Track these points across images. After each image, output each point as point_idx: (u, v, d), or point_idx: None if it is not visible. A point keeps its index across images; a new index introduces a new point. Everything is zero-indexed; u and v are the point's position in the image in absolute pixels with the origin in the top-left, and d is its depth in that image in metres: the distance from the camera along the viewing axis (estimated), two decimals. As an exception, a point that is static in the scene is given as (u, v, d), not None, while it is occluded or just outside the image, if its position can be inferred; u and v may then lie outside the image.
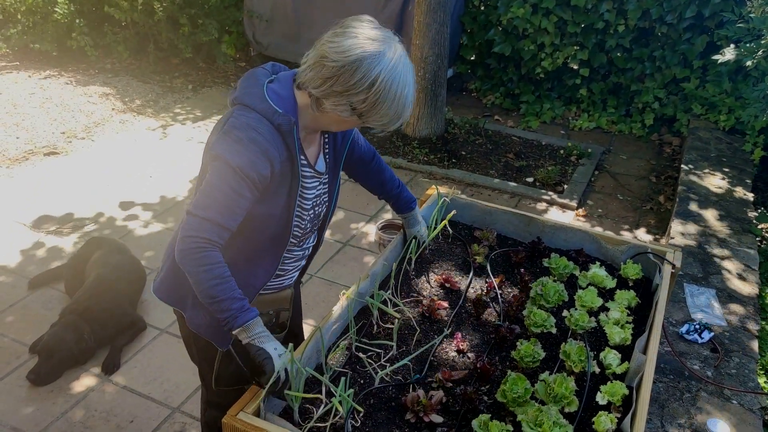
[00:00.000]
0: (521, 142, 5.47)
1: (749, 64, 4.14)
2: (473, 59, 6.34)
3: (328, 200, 1.78)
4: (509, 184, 4.74)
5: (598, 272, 2.10)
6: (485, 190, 4.73)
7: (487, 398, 1.62)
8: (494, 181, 4.78)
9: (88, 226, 4.04)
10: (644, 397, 1.53)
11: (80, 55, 6.60)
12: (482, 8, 6.09)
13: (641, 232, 4.31)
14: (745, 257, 3.63)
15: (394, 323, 1.82)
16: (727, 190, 4.40)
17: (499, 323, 1.89)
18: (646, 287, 2.12)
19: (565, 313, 1.90)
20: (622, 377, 1.71)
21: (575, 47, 5.80)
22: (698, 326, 2.98)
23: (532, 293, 1.98)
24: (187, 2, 6.36)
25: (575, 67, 5.99)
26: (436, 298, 1.98)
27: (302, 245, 1.80)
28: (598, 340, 1.87)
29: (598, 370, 1.71)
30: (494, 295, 2.02)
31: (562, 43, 5.79)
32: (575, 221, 4.38)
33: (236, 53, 6.92)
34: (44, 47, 6.34)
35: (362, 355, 1.74)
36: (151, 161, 4.90)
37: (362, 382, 1.66)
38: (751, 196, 4.35)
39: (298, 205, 1.65)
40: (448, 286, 2.06)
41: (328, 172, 1.74)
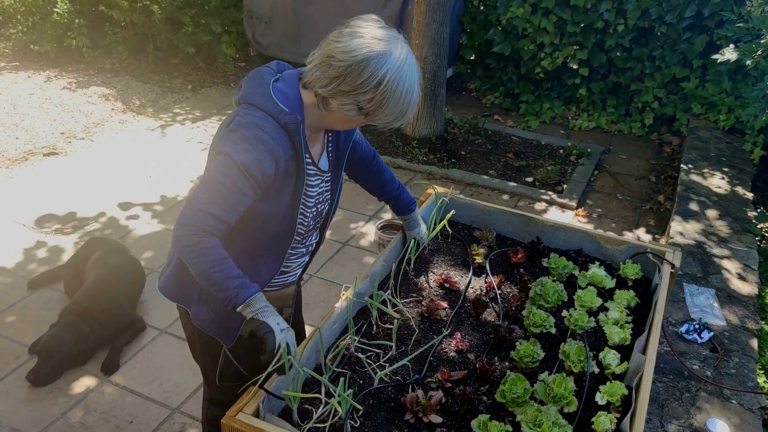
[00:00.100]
0: (521, 141, 5.47)
1: (749, 63, 4.14)
2: (473, 59, 6.34)
3: (330, 198, 1.79)
4: (509, 183, 4.74)
5: (597, 272, 2.10)
6: (485, 189, 4.73)
7: (486, 398, 1.62)
8: (494, 180, 4.78)
9: (87, 226, 4.03)
10: (643, 397, 1.53)
11: (80, 55, 6.60)
12: (482, 8, 6.09)
13: (641, 231, 4.31)
14: (744, 257, 3.63)
15: (393, 323, 1.82)
16: (726, 189, 4.40)
17: (498, 323, 1.89)
18: (645, 287, 2.12)
19: (564, 313, 1.90)
20: (621, 377, 1.71)
21: (575, 47, 5.80)
22: (698, 326, 2.98)
23: (531, 293, 1.98)
24: (187, 2, 6.36)
25: (575, 66, 6.00)
26: (435, 298, 1.98)
27: (305, 242, 1.81)
28: (597, 340, 1.87)
29: (597, 370, 1.71)
30: (493, 295, 2.02)
31: (561, 42, 5.79)
32: (575, 221, 4.38)
33: (236, 53, 6.91)
34: (43, 48, 6.34)
35: (361, 355, 1.74)
36: (150, 161, 4.90)
37: (361, 382, 1.66)
38: (750, 195, 4.35)
39: (302, 203, 1.66)
40: (447, 286, 2.06)
41: (330, 170, 1.75)
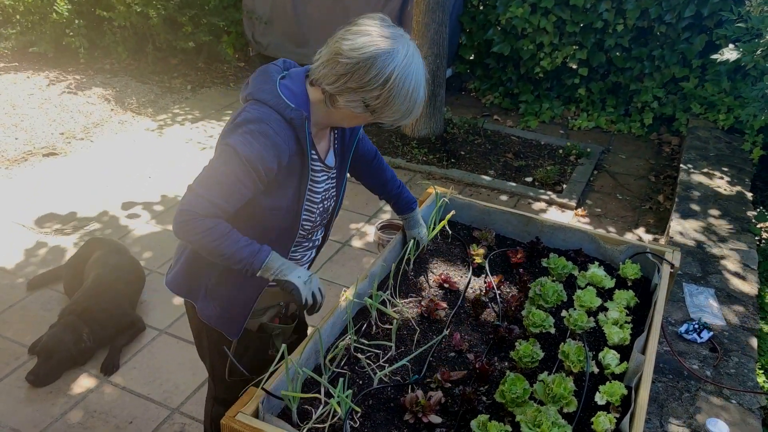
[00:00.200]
0: (520, 141, 5.47)
1: (748, 63, 4.15)
2: (472, 59, 6.34)
3: (335, 195, 1.81)
4: (508, 183, 4.74)
5: (596, 272, 2.10)
6: (484, 189, 4.73)
7: (485, 399, 1.62)
8: (493, 180, 4.78)
9: (87, 226, 4.03)
10: (643, 397, 1.53)
11: (79, 55, 6.60)
12: (481, 8, 6.09)
13: (640, 231, 4.31)
14: (744, 256, 3.63)
15: (392, 324, 1.82)
16: (726, 189, 4.40)
17: (497, 323, 1.89)
18: (645, 287, 2.12)
19: (563, 313, 1.90)
20: (620, 377, 1.71)
21: (574, 47, 5.80)
22: (697, 326, 2.98)
23: (530, 293, 1.98)
24: (186, 3, 6.35)
25: (574, 66, 6.00)
26: (434, 298, 1.97)
27: (311, 238, 1.84)
28: (596, 340, 1.87)
29: (596, 370, 1.71)
30: (493, 295, 2.02)
31: (561, 42, 5.79)
32: (574, 221, 4.38)
33: (235, 53, 6.91)
34: (42, 48, 6.33)
35: (361, 355, 1.74)
36: (150, 162, 4.90)
37: (361, 382, 1.66)
38: (750, 195, 4.35)
39: (308, 199, 1.68)
40: (446, 286, 2.06)
41: (336, 166, 1.77)
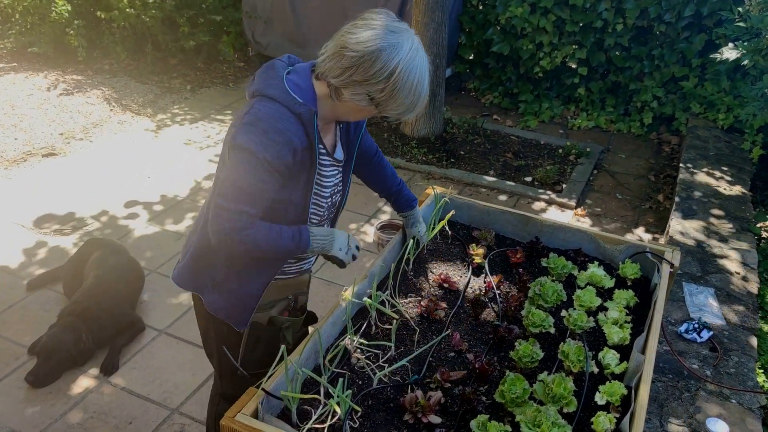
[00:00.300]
0: (520, 141, 5.46)
1: (747, 62, 4.14)
2: (471, 59, 6.34)
3: (342, 189, 1.84)
4: (508, 183, 4.74)
5: (596, 272, 2.10)
6: (484, 189, 4.73)
7: (485, 399, 1.61)
8: (493, 180, 4.78)
9: (86, 226, 4.03)
10: (643, 396, 1.53)
11: (78, 55, 6.59)
12: (480, 7, 6.08)
13: (640, 231, 4.31)
14: (743, 256, 3.63)
15: (392, 324, 1.82)
16: (725, 188, 4.40)
17: (497, 323, 1.89)
18: (644, 287, 2.12)
19: (563, 312, 1.89)
20: (620, 377, 1.71)
21: (574, 46, 5.80)
22: (697, 325, 2.98)
23: (530, 293, 1.97)
24: (185, 3, 6.35)
25: (574, 66, 5.99)
26: (434, 298, 1.97)
27: None
28: (596, 339, 1.87)
29: (596, 370, 1.71)
30: (493, 295, 2.02)
31: (560, 42, 5.79)
32: (574, 221, 4.38)
33: (234, 53, 6.91)
34: (42, 48, 6.33)
35: (360, 355, 1.73)
36: (149, 162, 4.89)
37: (360, 382, 1.66)
38: (749, 194, 4.35)
39: (317, 193, 1.71)
40: (446, 286, 2.06)
41: (344, 160, 1.80)
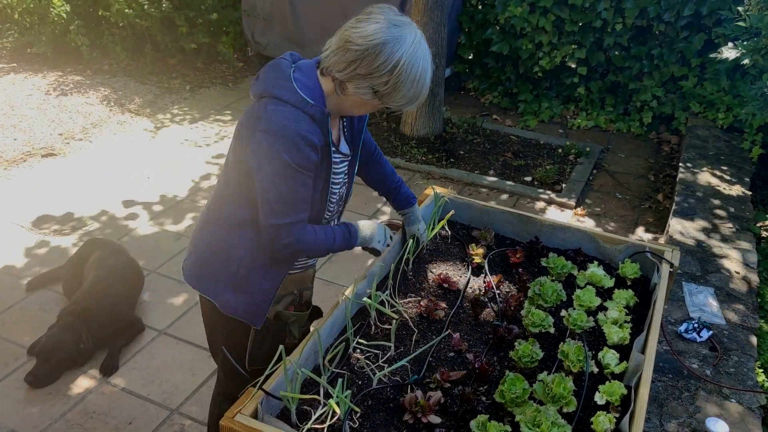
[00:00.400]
0: (519, 141, 5.46)
1: (747, 62, 4.14)
2: (471, 58, 6.34)
3: (347, 181, 1.86)
4: (507, 183, 4.74)
5: (596, 272, 2.09)
6: (483, 189, 4.73)
7: (485, 399, 1.61)
8: (492, 180, 4.78)
9: (86, 227, 4.03)
10: (643, 396, 1.53)
11: (77, 56, 6.60)
12: (480, 7, 6.08)
13: (640, 230, 4.31)
14: (743, 255, 3.63)
15: (392, 324, 1.82)
16: (725, 188, 4.40)
17: (497, 323, 1.89)
18: (644, 286, 2.11)
19: (563, 312, 1.89)
20: (620, 377, 1.70)
21: (573, 46, 5.79)
22: (697, 325, 2.98)
23: (530, 293, 1.97)
24: (184, 3, 6.34)
25: (573, 65, 5.99)
26: (434, 298, 1.97)
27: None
28: (596, 339, 1.87)
29: (596, 369, 1.71)
30: (492, 295, 2.02)
31: (559, 41, 5.79)
32: (573, 220, 4.38)
33: (234, 53, 6.90)
34: (41, 49, 6.33)
35: (360, 356, 1.73)
36: (148, 162, 4.89)
37: (360, 383, 1.66)
38: (749, 193, 4.35)
39: (330, 189, 1.74)
40: (446, 286, 2.06)
41: (350, 153, 1.82)
